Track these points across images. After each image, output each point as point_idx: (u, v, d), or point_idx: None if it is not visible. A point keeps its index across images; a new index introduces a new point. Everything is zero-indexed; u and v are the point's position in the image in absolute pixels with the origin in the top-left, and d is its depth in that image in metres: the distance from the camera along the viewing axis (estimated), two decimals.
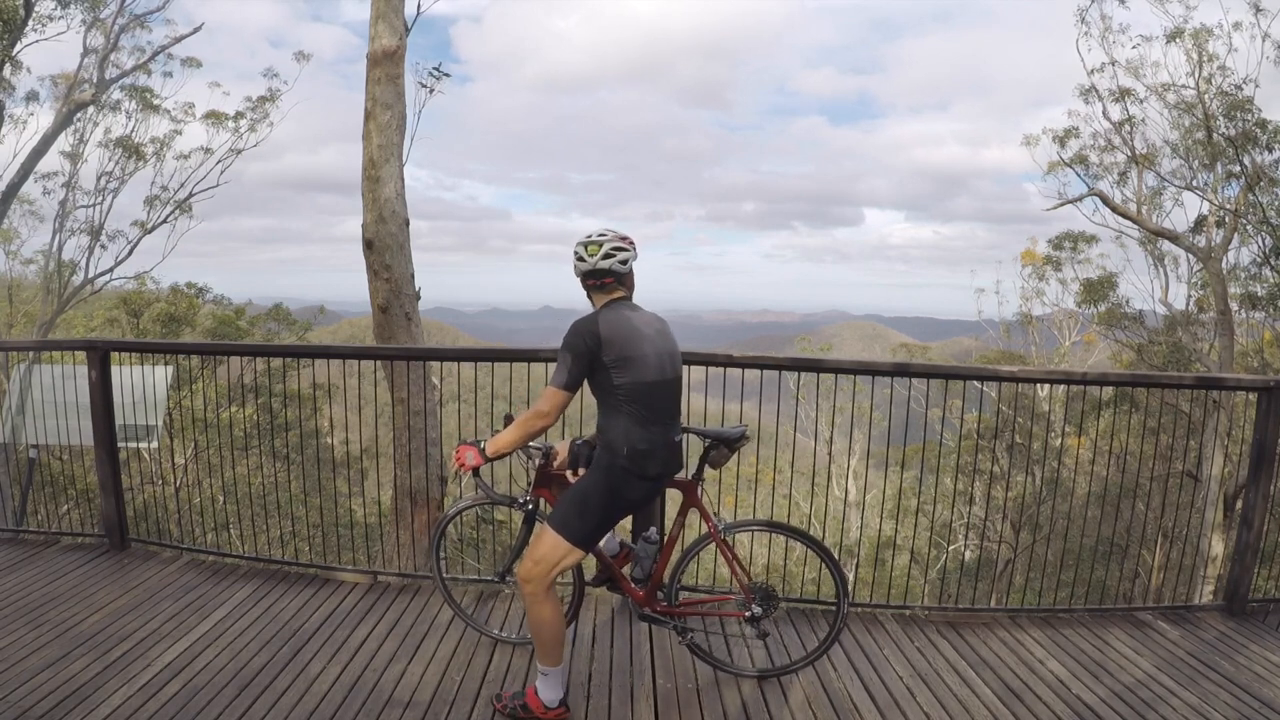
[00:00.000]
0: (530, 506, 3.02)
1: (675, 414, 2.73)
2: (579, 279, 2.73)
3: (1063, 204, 13.37)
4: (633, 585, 2.95)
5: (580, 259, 2.67)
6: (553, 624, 2.63)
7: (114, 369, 4.19)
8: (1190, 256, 12.33)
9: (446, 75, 7.48)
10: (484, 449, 2.72)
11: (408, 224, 6.07)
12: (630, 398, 2.57)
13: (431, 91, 7.38)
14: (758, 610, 2.89)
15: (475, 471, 2.82)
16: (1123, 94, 12.34)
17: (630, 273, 2.71)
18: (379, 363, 5.90)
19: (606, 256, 2.64)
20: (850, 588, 3.09)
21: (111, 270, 14.79)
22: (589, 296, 2.75)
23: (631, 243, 2.69)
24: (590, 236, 2.69)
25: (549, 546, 2.60)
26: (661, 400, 2.63)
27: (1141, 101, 12.24)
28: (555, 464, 2.95)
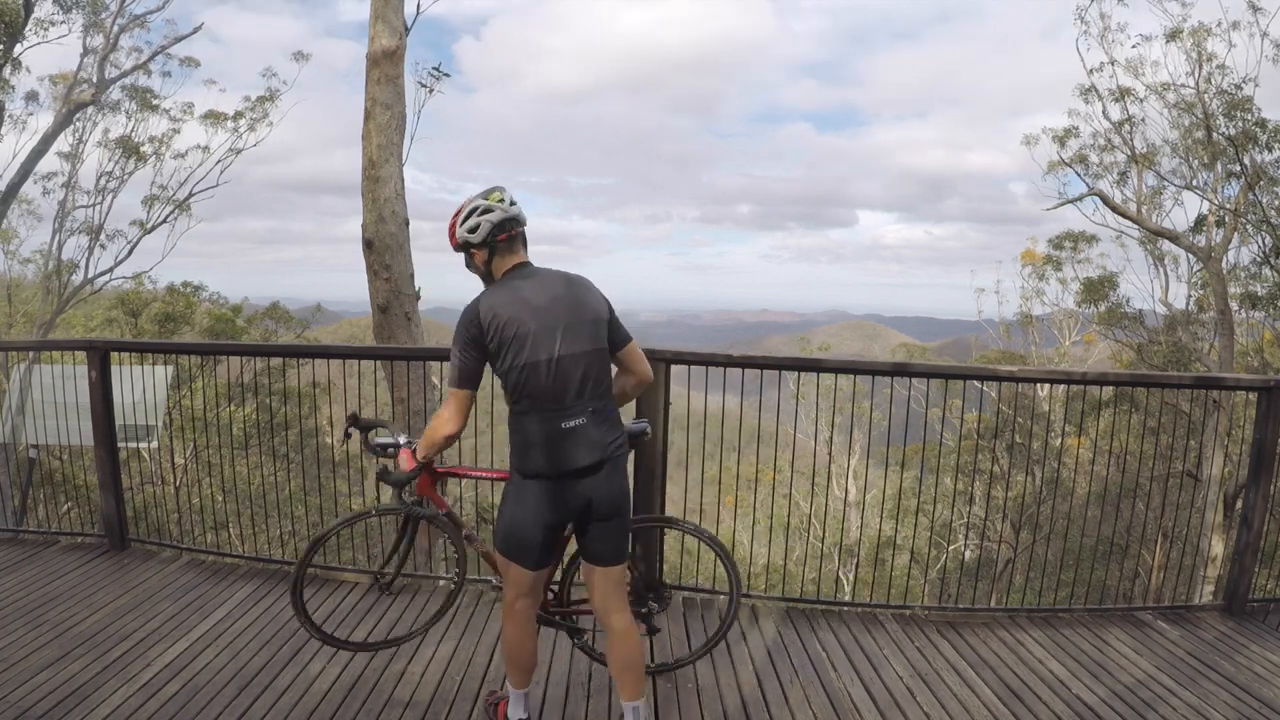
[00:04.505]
0: (418, 508, 2.74)
1: (567, 396, 2.24)
2: (469, 254, 2.32)
3: (1063, 203, 13.37)
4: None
5: (487, 211, 2.26)
6: (513, 645, 2.47)
7: (114, 369, 4.19)
8: (1190, 256, 12.33)
9: (446, 75, 7.48)
10: (415, 450, 2.51)
11: (408, 224, 6.07)
12: (513, 384, 2.24)
13: (431, 91, 7.38)
14: (654, 606, 2.85)
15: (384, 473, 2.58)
16: (1122, 93, 12.33)
17: (524, 234, 2.35)
18: (379, 362, 5.90)
19: (513, 203, 2.30)
20: (852, 587, 3.08)
21: (111, 270, 14.82)
22: (487, 276, 2.34)
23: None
24: (473, 199, 2.31)
25: (501, 567, 2.46)
26: (549, 381, 2.22)
27: (1141, 101, 12.25)
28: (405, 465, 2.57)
